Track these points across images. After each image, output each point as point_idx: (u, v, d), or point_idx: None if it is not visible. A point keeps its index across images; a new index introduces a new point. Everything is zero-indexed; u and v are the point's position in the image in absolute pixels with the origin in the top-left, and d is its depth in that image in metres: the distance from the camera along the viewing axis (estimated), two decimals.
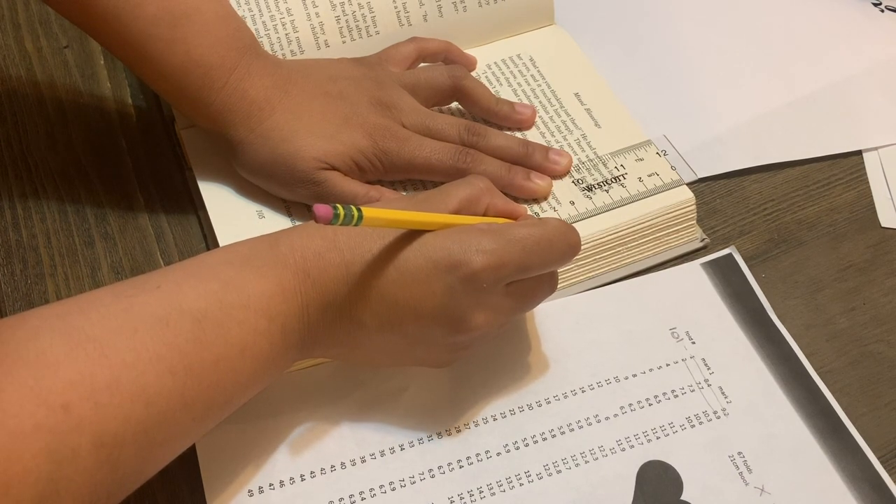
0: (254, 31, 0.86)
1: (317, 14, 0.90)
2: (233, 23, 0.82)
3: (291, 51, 0.90)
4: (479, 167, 0.82)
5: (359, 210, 0.61)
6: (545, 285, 0.72)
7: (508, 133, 0.88)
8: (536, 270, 0.70)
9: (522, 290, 0.71)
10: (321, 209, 0.58)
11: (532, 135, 0.89)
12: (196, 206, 0.87)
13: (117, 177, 0.91)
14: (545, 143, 0.87)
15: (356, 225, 0.61)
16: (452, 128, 0.85)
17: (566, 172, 0.85)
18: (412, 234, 0.68)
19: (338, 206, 0.59)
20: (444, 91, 0.88)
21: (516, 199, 0.83)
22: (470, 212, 0.72)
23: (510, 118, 0.89)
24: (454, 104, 0.90)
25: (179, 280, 0.64)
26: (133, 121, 0.95)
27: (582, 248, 0.80)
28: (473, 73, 0.93)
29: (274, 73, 0.82)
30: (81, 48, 1.01)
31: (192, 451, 0.72)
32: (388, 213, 0.65)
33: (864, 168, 0.91)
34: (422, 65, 0.91)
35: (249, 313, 0.64)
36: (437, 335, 0.69)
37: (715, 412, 0.74)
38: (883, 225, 0.87)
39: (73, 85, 0.98)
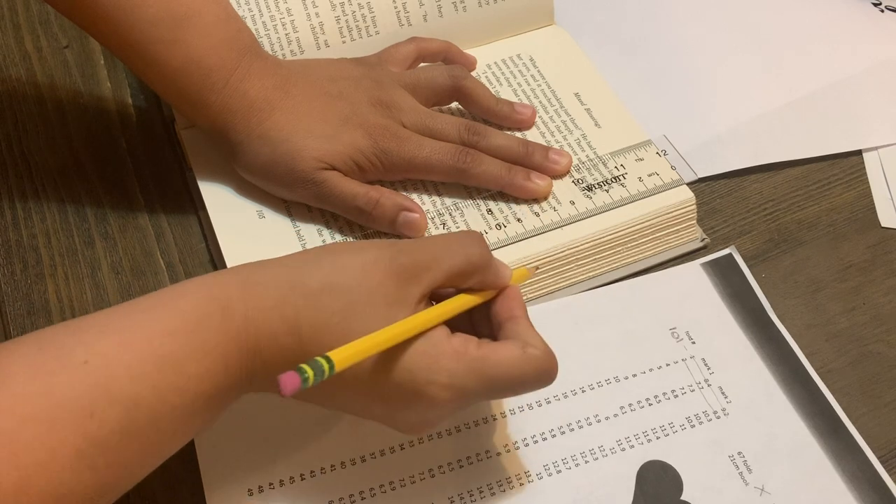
0: (254, 31, 0.86)
1: (317, 14, 0.90)
2: (233, 24, 0.82)
3: (291, 51, 0.90)
4: (478, 167, 0.82)
5: (328, 360, 0.56)
6: None
7: (508, 133, 0.88)
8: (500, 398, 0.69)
9: None
10: (286, 383, 0.54)
11: (532, 135, 0.89)
12: (196, 206, 0.87)
13: (117, 177, 0.91)
14: (545, 143, 0.87)
15: (331, 375, 0.56)
16: (452, 127, 0.85)
17: (566, 172, 0.85)
18: None
19: (303, 367, 0.55)
20: (444, 91, 0.88)
21: (516, 200, 0.83)
22: (458, 286, 0.66)
23: (510, 118, 0.89)
24: (454, 104, 0.90)
25: (110, 355, 0.56)
26: (133, 121, 0.95)
27: (582, 247, 0.80)
28: (473, 73, 0.93)
29: (274, 74, 0.82)
30: (81, 48, 1.01)
31: (191, 450, 0.72)
32: (360, 345, 0.59)
33: (864, 168, 0.91)
34: (422, 65, 0.91)
35: (187, 396, 0.58)
36: (401, 417, 0.65)
37: (715, 412, 0.74)
38: (883, 225, 0.87)
39: (73, 85, 0.98)
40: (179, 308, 0.60)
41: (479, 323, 0.69)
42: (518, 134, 0.89)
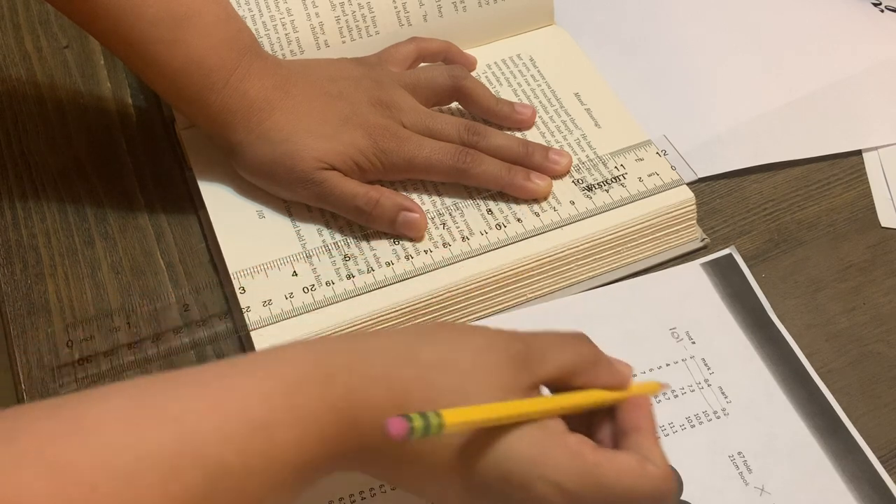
0: (254, 31, 0.86)
1: (317, 14, 0.90)
2: (233, 24, 0.82)
3: (291, 51, 0.90)
4: (478, 167, 0.82)
5: (439, 416, 0.52)
6: None
7: (508, 133, 0.88)
8: None
9: None
10: (394, 426, 0.50)
11: (532, 135, 0.89)
12: (196, 206, 0.87)
13: (117, 177, 0.91)
14: (545, 143, 0.87)
15: (437, 434, 0.52)
16: (452, 127, 0.85)
17: (566, 172, 0.85)
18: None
19: (413, 416, 0.51)
20: (444, 91, 0.88)
21: (517, 200, 0.83)
22: (569, 383, 0.62)
23: (510, 118, 0.89)
24: (454, 104, 0.90)
25: (202, 414, 0.54)
26: (133, 121, 0.95)
27: (582, 247, 0.80)
28: (473, 73, 0.93)
29: (274, 74, 0.82)
30: (81, 48, 1.01)
31: None
32: (474, 412, 0.55)
33: (864, 168, 0.91)
34: (422, 65, 0.91)
35: (274, 464, 0.55)
36: None
37: (715, 412, 0.74)
38: (883, 225, 0.87)
39: (73, 85, 0.98)
40: (279, 372, 0.57)
41: (599, 428, 0.64)
42: (518, 134, 0.89)
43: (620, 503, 0.58)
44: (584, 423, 0.63)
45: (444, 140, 0.84)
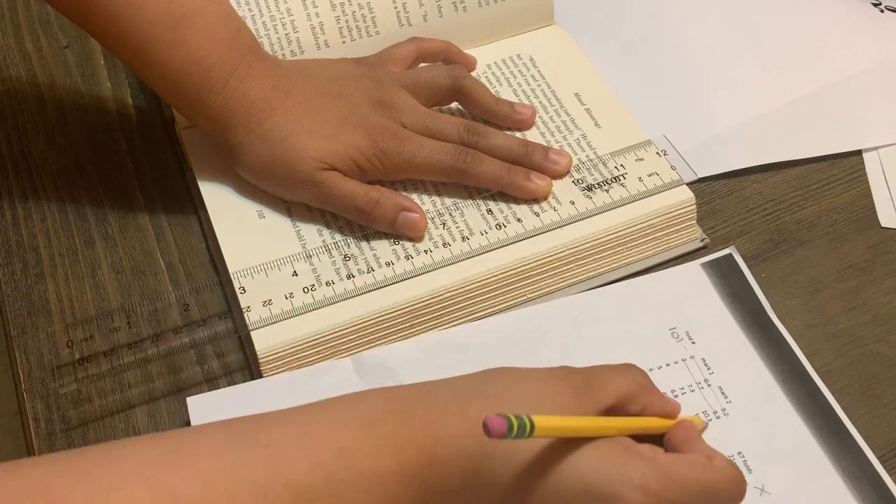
0: (254, 31, 0.86)
1: (317, 14, 0.90)
2: (233, 24, 0.82)
3: (291, 51, 0.90)
4: (478, 167, 0.82)
5: (530, 420, 0.53)
6: None
7: (508, 133, 0.88)
8: None
9: None
10: (494, 423, 0.52)
11: (532, 135, 0.89)
12: (196, 207, 0.87)
13: (117, 177, 0.91)
14: (545, 143, 0.87)
15: (528, 436, 0.54)
16: (452, 127, 0.85)
17: (566, 172, 0.85)
18: (568, 441, 0.59)
19: (510, 417, 0.53)
20: (444, 91, 0.88)
21: (516, 200, 0.83)
22: (627, 409, 0.63)
23: (510, 118, 0.89)
24: (454, 104, 0.90)
25: (291, 442, 0.57)
26: (133, 121, 0.95)
27: (582, 247, 0.80)
28: (473, 73, 0.93)
29: (274, 75, 0.82)
30: (81, 48, 1.01)
31: None
32: (561, 421, 0.57)
33: (863, 168, 0.91)
34: (422, 65, 0.91)
35: (358, 493, 0.57)
36: None
37: (715, 412, 0.74)
38: (883, 225, 0.87)
39: (73, 85, 0.98)
40: (357, 407, 0.60)
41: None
42: (518, 134, 0.89)
43: (702, 496, 0.60)
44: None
45: (444, 140, 0.84)
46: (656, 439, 0.65)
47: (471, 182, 0.84)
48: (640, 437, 0.63)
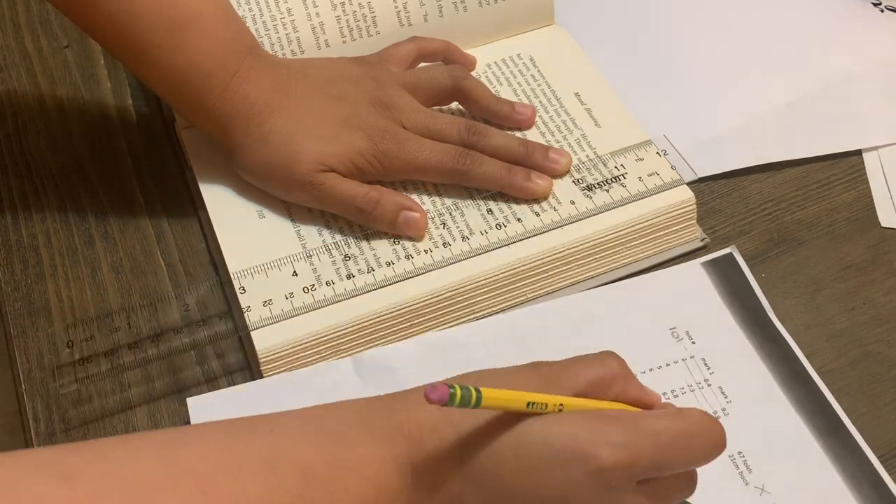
0: (254, 32, 0.87)
1: (317, 14, 0.90)
2: (233, 26, 0.82)
3: (292, 51, 0.90)
4: (478, 169, 0.82)
5: (477, 391, 0.54)
6: (682, 486, 0.63)
7: (509, 133, 0.88)
8: (673, 469, 0.61)
9: (656, 490, 0.61)
10: (434, 391, 0.53)
11: (532, 135, 0.89)
12: (196, 206, 0.87)
13: (117, 177, 0.91)
14: (545, 143, 0.87)
15: (474, 407, 0.55)
16: (452, 128, 0.85)
17: (566, 172, 0.85)
18: (534, 416, 0.59)
19: (454, 385, 0.53)
20: (444, 91, 0.88)
21: (517, 200, 0.83)
22: (598, 396, 0.62)
23: (510, 118, 0.89)
24: (453, 104, 0.90)
25: (292, 426, 0.60)
26: (133, 121, 0.95)
27: (582, 247, 0.80)
28: (473, 73, 0.93)
29: (273, 75, 0.82)
30: (81, 48, 1.01)
31: None
32: (509, 394, 0.57)
33: (863, 168, 0.91)
34: (421, 65, 0.91)
35: (358, 478, 0.58)
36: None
37: (715, 412, 0.74)
38: (883, 225, 0.87)
39: (73, 85, 0.98)
40: (344, 405, 0.62)
41: None
42: (518, 134, 0.89)
43: (679, 447, 0.60)
44: None
45: (445, 140, 0.84)
46: None
47: (471, 183, 0.84)
48: None
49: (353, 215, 0.82)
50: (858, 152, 0.92)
